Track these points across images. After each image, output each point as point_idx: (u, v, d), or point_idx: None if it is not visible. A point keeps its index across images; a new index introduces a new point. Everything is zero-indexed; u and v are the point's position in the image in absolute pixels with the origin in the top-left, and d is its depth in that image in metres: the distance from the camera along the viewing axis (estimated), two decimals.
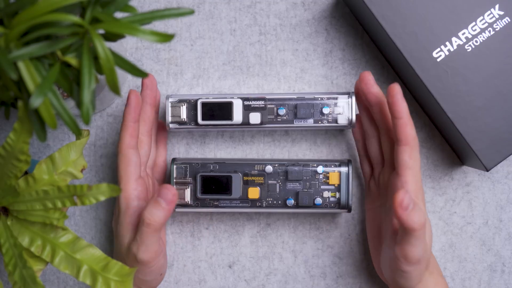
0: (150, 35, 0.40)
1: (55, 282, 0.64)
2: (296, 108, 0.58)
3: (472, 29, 0.56)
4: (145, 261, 0.53)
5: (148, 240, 0.53)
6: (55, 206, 0.48)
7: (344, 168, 0.59)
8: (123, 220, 0.55)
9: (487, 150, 0.55)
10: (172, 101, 0.58)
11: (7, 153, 0.47)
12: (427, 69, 0.56)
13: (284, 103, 0.58)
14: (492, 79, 0.55)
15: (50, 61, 0.42)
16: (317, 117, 0.58)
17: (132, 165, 0.55)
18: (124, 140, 0.55)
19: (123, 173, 0.55)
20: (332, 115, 0.58)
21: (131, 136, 0.56)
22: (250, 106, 0.58)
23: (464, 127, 0.56)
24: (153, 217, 0.51)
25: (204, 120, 0.58)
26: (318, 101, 0.58)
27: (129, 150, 0.55)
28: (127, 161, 0.55)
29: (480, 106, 0.55)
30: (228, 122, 0.58)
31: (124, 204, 0.55)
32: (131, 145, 0.56)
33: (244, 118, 0.58)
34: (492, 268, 0.63)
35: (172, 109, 0.58)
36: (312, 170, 0.58)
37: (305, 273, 0.63)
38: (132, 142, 0.56)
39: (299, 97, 0.58)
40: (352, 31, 0.63)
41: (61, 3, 0.39)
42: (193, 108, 0.58)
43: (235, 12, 0.63)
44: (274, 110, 0.58)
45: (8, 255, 0.49)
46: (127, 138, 0.55)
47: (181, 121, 0.58)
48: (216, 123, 0.58)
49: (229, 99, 0.58)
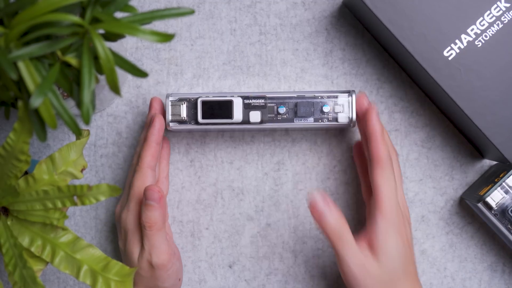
0: (150, 35, 0.40)
1: (55, 282, 0.64)
2: (296, 106, 0.58)
3: (480, 24, 0.56)
4: (160, 264, 0.54)
5: (156, 241, 0.54)
6: (55, 206, 0.48)
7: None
8: (133, 238, 0.56)
9: (508, 143, 0.56)
10: (172, 99, 0.58)
11: (7, 153, 0.47)
12: (440, 68, 0.56)
13: (285, 101, 0.58)
14: (505, 72, 0.55)
15: (50, 61, 0.42)
16: (317, 115, 0.58)
17: (147, 185, 0.56)
18: (146, 159, 0.57)
19: (137, 191, 0.56)
20: (332, 114, 0.58)
21: (152, 157, 0.57)
22: (250, 104, 0.58)
23: (483, 122, 0.56)
24: (151, 219, 0.54)
25: (204, 119, 0.58)
26: (318, 100, 0.58)
27: (148, 169, 0.57)
28: (143, 179, 0.56)
29: (496, 100, 0.56)
30: (228, 121, 0.58)
31: (133, 223, 0.56)
32: (150, 165, 0.57)
33: (244, 117, 0.58)
34: (493, 268, 0.63)
35: (172, 107, 0.58)
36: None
37: (305, 273, 0.63)
38: (152, 162, 0.57)
39: (299, 96, 0.58)
40: (353, 30, 0.63)
41: (61, 3, 0.39)
42: (193, 106, 0.58)
43: (235, 12, 0.63)
44: (274, 108, 0.58)
45: (8, 255, 0.49)
46: (148, 157, 0.57)
47: (181, 119, 0.58)
48: (216, 121, 0.58)
49: (229, 97, 0.58)
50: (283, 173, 0.63)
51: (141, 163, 0.57)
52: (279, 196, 0.63)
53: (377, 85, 0.63)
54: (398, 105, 0.63)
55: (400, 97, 0.63)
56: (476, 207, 0.59)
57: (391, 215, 0.53)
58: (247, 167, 0.63)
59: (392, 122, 0.63)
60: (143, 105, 0.63)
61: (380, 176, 0.54)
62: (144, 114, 0.63)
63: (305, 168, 0.63)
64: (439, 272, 0.63)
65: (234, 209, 0.63)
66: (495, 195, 0.57)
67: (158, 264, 0.54)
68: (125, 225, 0.56)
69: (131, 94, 0.63)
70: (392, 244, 0.53)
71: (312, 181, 0.63)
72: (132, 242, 0.56)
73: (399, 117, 0.63)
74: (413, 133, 0.63)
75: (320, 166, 0.63)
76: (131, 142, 0.63)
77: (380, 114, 0.63)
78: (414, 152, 0.63)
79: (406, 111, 0.63)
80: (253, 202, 0.63)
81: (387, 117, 0.63)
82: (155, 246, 0.54)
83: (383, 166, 0.54)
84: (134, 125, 0.63)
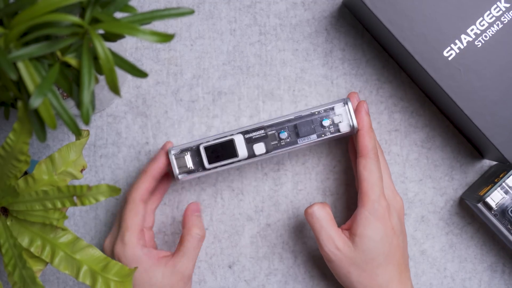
0: (150, 35, 0.40)
1: (55, 282, 0.64)
2: (296, 128, 0.58)
3: (480, 24, 0.56)
4: (190, 273, 0.57)
5: (195, 252, 0.57)
6: (55, 206, 0.48)
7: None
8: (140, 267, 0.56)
9: (508, 143, 0.56)
10: (174, 153, 0.58)
11: (7, 153, 0.47)
12: (440, 69, 0.56)
13: (284, 126, 0.58)
14: (505, 72, 0.55)
15: (50, 61, 0.42)
16: (319, 131, 0.58)
17: (139, 217, 0.57)
18: (140, 191, 0.57)
19: (130, 223, 0.57)
20: (334, 126, 0.58)
21: (147, 191, 0.58)
22: (252, 138, 0.58)
23: (483, 123, 0.56)
24: (202, 230, 0.57)
25: (210, 164, 0.58)
26: (317, 115, 0.58)
27: (141, 202, 0.57)
28: (135, 212, 0.57)
29: (496, 100, 0.56)
30: (234, 160, 0.58)
31: (131, 253, 0.56)
32: (143, 198, 0.57)
33: (249, 151, 0.58)
34: (493, 268, 0.63)
35: (177, 161, 0.58)
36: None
37: (305, 273, 0.63)
38: (145, 196, 0.58)
39: (297, 117, 0.58)
40: (352, 31, 0.63)
41: (61, 3, 0.39)
42: (197, 154, 0.58)
43: (235, 12, 0.63)
44: (275, 135, 0.58)
45: (7, 255, 0.49)
46: (143, 190, 0.57)
47: (188, 170, 0.58)
48: (223, 163, 0.58)
49: (230, 136, 0.57)
50: (283, 173, 0.63)
51: (134, 194, 0.57)
52: (279, 197, 0.63)
53: (377, 85, 0.63)
54: (398, 105, 0.63)
55: (400, 97, 0.63)
56: (476, 208, 0.59)
57: (372, 204, 0.55)
58: (247, 167, 0.63)
59: (392, 122, 0.63)
60: (142, 105, 0.63)
61: (363, 166, 0.56)
62: (144, 114, 0.63)
63: (305, 168, 0.63)
64: (439, 273, 0.63)
65: (234, 209, 0.63)
66: (495, 196, 0.58)
67: (186, 274, 0.56)
68: (121, 259, 0.56)
69: (130, 94, 0.63)
70: (370, 231, 0.55)
71: (312, 181, 0.63)
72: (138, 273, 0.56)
73: (399, 117, 0.63)
74: (413, 133, 0.63)
75: (320, 166, 0.63)
76: (131, 142, 0.63)
77: (380, 114, 0.63)
78: (414, 152, 0.63)
79: (406, 111, 0.63)
80: (253, 202, 0.63)
81: (387, 117, 0.63)
82: (196, 256, 0.57)
83: (366, 157, 0.56)
84: (134, 125, 0.63)
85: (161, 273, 0.56)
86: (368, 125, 0.57)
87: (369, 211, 0.55)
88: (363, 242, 0.55)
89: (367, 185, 0.56)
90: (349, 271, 0.56)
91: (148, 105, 0.63)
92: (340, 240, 0.56)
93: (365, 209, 0.56)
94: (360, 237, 0.55)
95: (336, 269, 0.57)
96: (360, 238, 0.55)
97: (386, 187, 0.58)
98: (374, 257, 0.55)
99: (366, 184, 0.56)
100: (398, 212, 0.58)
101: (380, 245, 0.55)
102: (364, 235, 0.55)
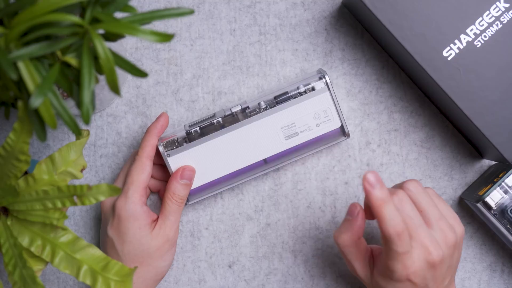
0: (150, 35, 0.40)
1: (55, 282, 0.64)
2: (275, 99, 0.59)
3: (480, 24, 0.56)
4: (172, 237, 0.58)
5: (179, 215, 0.59)
6: (55, 206, 0.48)
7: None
8: (129, 225, 0.57)
9: (508, 143, 0.56)
10: (164, 150, 0.60)
11: (7, 153, 0.47)
12: (439, 69, 0.56)
13: (264, 99, 0.59)
14: (504, 72, 0.56)
15: (50, 61, 0.42)
16: (296, 96, 0.59)
17: (146, 174, 0.58)
18: (146, 149, 0.58)
19: (135, 178, 0.58)
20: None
21: (152, 147, 0.58)
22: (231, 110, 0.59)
23: (482, 123, 0.56)
24: (183, 195, 0.58)
25: (191, 128, 0.59)
26: (295, 91, 0.59)
27: (147, 160, 0.58)
28: (142, 169, 0.58)
29: (496, 100, 0.56)
30: (213, 119, 0.59)
31: (132, 208, 0.57)
32: (150, 155, 0.58)
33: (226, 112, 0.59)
34: (492, 268, 0.63)
35: (166, 144, 0.60)
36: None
37: (305, 273, 0.63)
38: (152, 153, 0.58)
39: (277, 95, 0.59)
40: (352, 31, 0.63)
41: (61, 3, 0.39)
42: (183, 137, 0.60)
43: (235, 12, 0.63)
44: (256, 106, 0.59)
45: (8, 255, 0.49)
46: (148, 147, 0.58)
47: (176, 146, 0.59)
48: (203, 124, 0.59)
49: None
50: (283, 173, 0.63)
51: (141, 152, 0.58)
52: (279, 196, 0.63)
53: (376, 85, 0.63)
54: (398, 105, 0.63)
55: (399, 97, 0.63)
56: (475, 207, 0.59)
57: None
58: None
59: (392, 122, 0.63)
60: (142, 105, 0.63)
61: (392, 258, 0.49)
62: (144, 114, 0.63)
63: (304, 168, 0.63)
64: None
65: (233, 209, 0.63)
66: (494, 195, 0.58)
67: (170, 237, 0.58)
68: (121, 211, 0.57)
69: (131, 94, 0.63)
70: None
71: (312, 181, 0.63)
72: (128, 230, 0.57)
73: (398, 117, 0.63)
74: (413, 133, 0.63)
75: (320, 166, 0.63)
76: (131, 142, 0.63)
77: (380, 114, 0.63)
78: (413, 152, 0.63)
79: (406, 111, 0.63)
80: (253, 202, 0.63)
81: (387, 117, 0.63)
82: (178, 219, 0.58)
83: (391, 245, 0.48)
84: (134, 125, 0.63)
85: (150, 234, 0.57)
86: (381, 205, 0.47)
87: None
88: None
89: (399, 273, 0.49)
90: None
91: (148, 105, 0.63)
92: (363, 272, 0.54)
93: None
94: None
95: None
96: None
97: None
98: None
99: (395, 273, 0.50)
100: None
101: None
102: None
